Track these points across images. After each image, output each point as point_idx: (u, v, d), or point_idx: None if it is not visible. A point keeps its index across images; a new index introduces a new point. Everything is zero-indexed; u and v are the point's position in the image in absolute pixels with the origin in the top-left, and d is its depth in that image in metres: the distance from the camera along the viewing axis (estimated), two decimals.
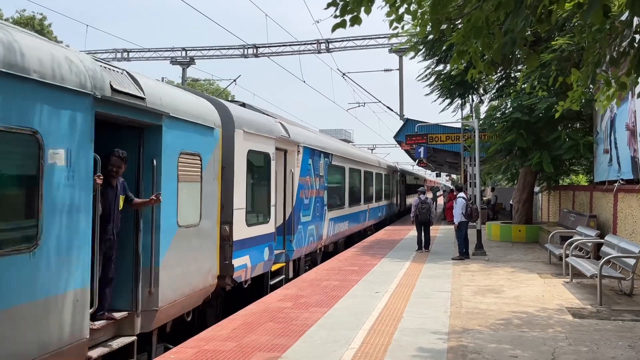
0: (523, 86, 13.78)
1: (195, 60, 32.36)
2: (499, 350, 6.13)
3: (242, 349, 6.23)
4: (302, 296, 9.20)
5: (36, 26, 34.70)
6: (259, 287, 9.99)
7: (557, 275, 11.26)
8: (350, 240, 18.71)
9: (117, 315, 6.07)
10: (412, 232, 18.90)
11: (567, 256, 10.89)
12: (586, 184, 23.98)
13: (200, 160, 7.49)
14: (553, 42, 11.95)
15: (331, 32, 4.40)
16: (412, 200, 34.48)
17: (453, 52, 5.70)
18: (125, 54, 31.95)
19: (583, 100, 8.29)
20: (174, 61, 32.07)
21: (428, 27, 4.87)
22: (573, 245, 11.15)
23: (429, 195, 21.59)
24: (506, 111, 16.70)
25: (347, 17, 4.36)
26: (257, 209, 9.86)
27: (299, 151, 11.97)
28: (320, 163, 13.90)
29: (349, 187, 17.94)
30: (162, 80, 12.52)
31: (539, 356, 5.93)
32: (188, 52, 31.97)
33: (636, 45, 5.38)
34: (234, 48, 30.75)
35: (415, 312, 8.02)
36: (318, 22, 16.83)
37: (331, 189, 15.41)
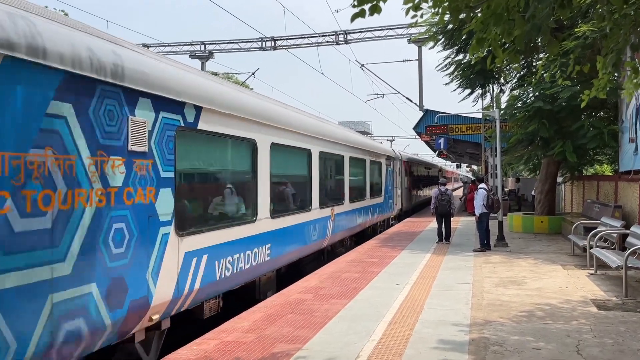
0: (544, 74, 13.53)
1: (214, 54, 32.46)
2: (522, 343, 6.07)
3: (263, 340, 6.27)
4: (322, 288, 9.22)
5: None
6: None
7: (581, 266, 11.09)
8: (297, 272, 11.18)
9: None
10: (432, 224, 18.78)
11: (591, 247, 10.71)
12: (611, 173, 23.53)
13: None
14: (576, 29, 11.68)
15: (350, 22, 4.37)
16: (420, 197, 31.36)
17: (472, 40, 5.62)
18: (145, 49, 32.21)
19: (608, 88, 8.12)
20: (193, 55, 32.22)
21: (447, 15, 4.79)
22: (597, 236, 10.96)
23: (449, 186, 20.24)
24: (527, 100, 16.45)
25: (367, 7, 4.31)
26: None
27: None
28: (135, 121, 5.69)
29: (273, 180, 9.40)
30: None
31: (562, 348, 5.85)
32: (207, 46, 32.08)
33: None
34: (252, 41, 30.77)
35: (436, 304, 7.97)
36: (337, 11, 16.56)
37: (203, 189, 7.69)
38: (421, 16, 4.91)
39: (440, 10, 4.73)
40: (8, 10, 4.31)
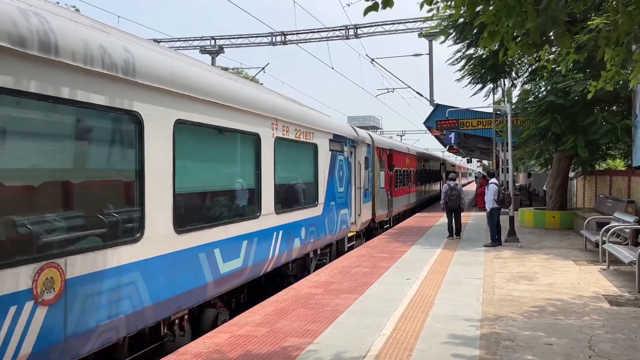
0: (546, 64, 13.43)
1: (224, 49, 32.51)
2: (533, 338, 6.04)
3: (274, 334, 6.30)
4: (332, 283, 9.24)
5: None
6: None
7: (593, 262, 11.02)
8: None
9: None
10: (442, 219, 18.71)
11: (603, 243, 10.64)
12: (623, 168, 23.31)
13: None
14: (589, 22, 11.55)
15: (363, 15, 4.35)
16: (408, 201, 27.40)
17: (484, 33, 5.57)
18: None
19: (621, 82, 8.06)
20: (203, 50, 32.28)
21: (462, 8, 4.75)
22: (610, 231, 10.87)
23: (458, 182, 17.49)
24: (539, 95, 16.31)
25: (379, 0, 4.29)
26: None
27: None
28: None
29: None
30: None
31: (574, 344, 5.82)
32: (217, 41, 32.13)
33: None
34: (263, 36, 30.77)
35: (446, 298, 7.96)
36: (349, 5, 16.41)
37: None
38: (437, 9, 4.88)
39: (453, 3, 4.70)
40: None
